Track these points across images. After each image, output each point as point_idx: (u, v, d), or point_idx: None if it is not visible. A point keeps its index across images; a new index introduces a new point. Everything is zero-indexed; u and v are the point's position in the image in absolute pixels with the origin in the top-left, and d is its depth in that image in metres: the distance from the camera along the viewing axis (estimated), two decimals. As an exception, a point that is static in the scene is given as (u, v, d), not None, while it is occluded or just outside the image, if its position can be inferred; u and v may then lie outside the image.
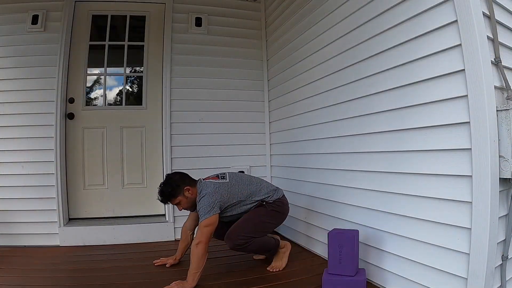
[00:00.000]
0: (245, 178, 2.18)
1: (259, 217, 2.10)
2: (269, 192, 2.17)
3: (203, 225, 1.89)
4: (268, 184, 2.24)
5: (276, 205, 2.15)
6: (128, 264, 2.33)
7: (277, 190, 2.22)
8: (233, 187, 2.06)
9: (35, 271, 2.15)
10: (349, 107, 2.07)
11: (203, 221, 1.89)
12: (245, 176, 2.23)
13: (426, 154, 1.55)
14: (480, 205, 1.29)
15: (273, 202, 2.15)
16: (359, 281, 1.76)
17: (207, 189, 1.98)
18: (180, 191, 2.02)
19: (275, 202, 2.15)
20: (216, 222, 1.92)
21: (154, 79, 3.15)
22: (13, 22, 2.83)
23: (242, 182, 2.12)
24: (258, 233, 2.09)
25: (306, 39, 2.57)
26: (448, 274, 1.43)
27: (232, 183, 2.07)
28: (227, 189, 2.03)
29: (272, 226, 2.19)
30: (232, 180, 2.09)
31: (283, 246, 2.24)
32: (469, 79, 1.31)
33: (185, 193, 2.03)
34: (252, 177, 2.25)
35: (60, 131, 2.84)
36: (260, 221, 2.10)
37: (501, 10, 1.44)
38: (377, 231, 1.85)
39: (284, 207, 2.21)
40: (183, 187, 2.03)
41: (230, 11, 3.33)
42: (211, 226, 1.90)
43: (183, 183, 2.04)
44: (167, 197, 2.03)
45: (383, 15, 1.77)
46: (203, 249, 1.86)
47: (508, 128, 1.30)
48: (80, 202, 2.99)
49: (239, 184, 2.09)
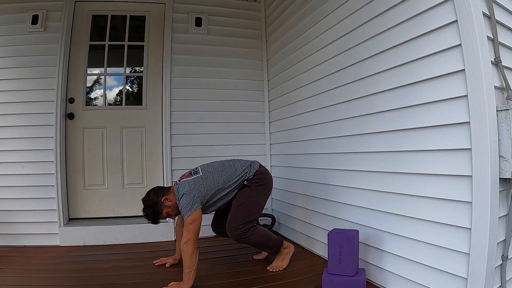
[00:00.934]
0: (217, 166, 2.15)
1: (247, 198, 2.10)
2: (245, 169, 2.15)
3: (188, 223, 1.88)
4: (241, 161, 2.21)
5: (258, 179, 2.15)
6: (128, 264, 2.33)
7: (253, 163, 2.20)
8: (208, 179, 2.04)
9: (35, 271, 2.15)
10: (349, 107, 2.07)
11: (187, 219, 1.88)
12: (217, 163, 2.19)
13: (426, 154, 1.55)
14: (480, 205, 1.29)
15: (253, 177, 2.14)
16: (359, 281, 1.76)
17: (184, 189, 1.97)
18: (160, 206, 2.02)
19: (256, 176, 2.15)
20: (199, 217, 1.92)
21: (154, 79, 3.15)
22: (13, 22, 2.83)
23: (215, 171, 2.10)
24: (253, 214, 2.10)
25: (306, 39, 2.57)
26: (448, 274, 1.43)
27: (205, 175, 2.05)
28: (202, 182, 2.01)
29: (263, 201, 2.19)
30: (205, 172, 2.07)
31: (286, 247, 2.24)
32: (469, 79, 1.31)
33: (166, 204, 2.02)
34: (224, 162, 2.20)
35: (60, 131, 2.84)
36: (250, 202, 2.10)
37: (501, 10, 1.44)
38: (377, 231, 1.85)
39: (266, 176, 2.21)
40: (161, 200, 2.02)
41: (230, 11, 3.33)
42: (196, 222, 1.89)
43: (159, 197, 2.03)
44: (154, 218, 2.04)
45: (383, 15, 1.77)
46: (192, 246, 1.85)
47: (508, 128, 1.30)
48: (80, 202, 2.99)
49: (213, 174, 2.08)
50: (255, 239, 2.09)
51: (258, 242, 2.16)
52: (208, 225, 2.93)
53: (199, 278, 1.93)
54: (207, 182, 2.03)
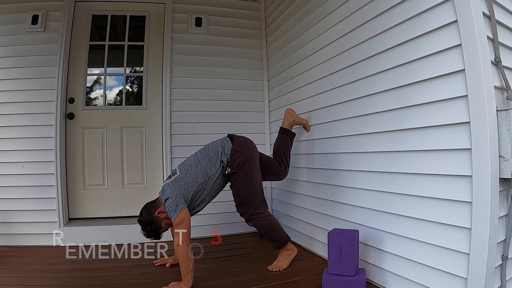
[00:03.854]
0: (192, 160, 2.09)
1: (240, 183, 2.09)
2: (220, 154, 2.07)
3: (176, 224, 1.86)
4: (213, 145, 2.14)
5: (236, 159, 2.07)
6: (128, 264, 2.33)
7: (225, 143, 2.13)
8: (186, 177, 1.99)
9: (35, 271, 2.15)
10: (349, 107, 2.06)
11: (174, 221, 1.86)
12: (191, 157, 2.13)
13: (426, 154, 1.55)
14: (480, 205, 1.29)
15: (232, 159, 2.07)
16: (359, 281, 1.76)
17: (166, 193, 1.94)
18: (157, 221, 1.99)
19: (234, 157, 2.07)
20: (187, 217, 1.89)
21: (154, 79, 3.15)
22: (13, 22, 2.83)
23: (191, 166, 2.04)
24: (255, 191, 2.11)
25: (306, 39, 2.56)
26: (448, 274, 1.43)
27: (183, 173, 2.01)
28: (182, 181, 1.97)
29: (256, 172, 2.17)
30: (182, 170, 2.03)
31: (289, 248, 2.23)
32: (469, 79, 1.31)
33: (161, 216, 1.99)
34: (197, 153, 2.14)
35: (60, 131, 2.84)
36: (246, 183, 2.09)
37: (501, 10, 1.44)
38: (377, 231, 1.85)
39: (243, 150, 2.11)
40: (155, 215, 1.98)
41: (230, 11, 3.33)
42: (184, 223, 1.86)
43: (151, 213, 1.99)
44: (155, 234, 2.02)
45: (383, 15, 1.77)
46: (185, 247, 1.83)
47: (508, 128, 1.30)
48: (80, 202, 2.99)
49: (190, 170, 2.02)
50: (265, 226, 2.12)
51: (266, 230, 2.17)
52: (208, 225, 2.94)
53: (199, 278, 1.94)
54: (186, 180, 1.98)
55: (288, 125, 2.52)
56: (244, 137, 2.24)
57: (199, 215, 2.16)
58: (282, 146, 2.49)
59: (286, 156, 2.47)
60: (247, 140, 2.21)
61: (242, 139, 2.19)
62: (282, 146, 2.49)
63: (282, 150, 2.48)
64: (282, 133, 2.53)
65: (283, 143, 2.50)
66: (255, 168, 2.17)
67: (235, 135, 2.22)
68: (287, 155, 2.48)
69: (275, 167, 2.42)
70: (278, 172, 2.44)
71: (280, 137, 2.53)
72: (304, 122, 2.53)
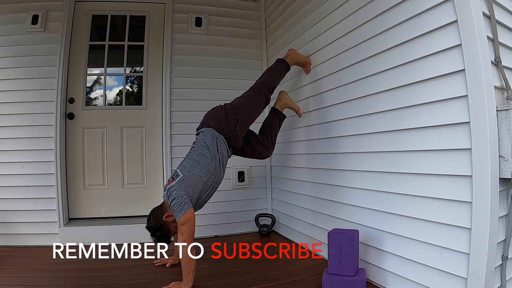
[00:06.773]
0: (191, 161, 2.05)
1: (236, 127, 2.15)
2: (214, 142, 2.08)
3: (180, 224, 1.85)
4: (206, 135, 2.11)
5: (230, 129, 2.15)
6: (128, 264, 2.33)
7: (209, 133, 2.11)
8: (189, 178, 1.97)
9: (35, 271, 2.15)
10: (349, 107, 2.07)
11: (179, 220, 1.85)
12: (188, 158, 2.09)
13: (426, 154, 1.55)
14: (480, 205, 1.29)
15: (230, 138, 2.15)
16: (359, 281, 1.76)
17: (171, 196, 1.91)
18: (165, 225, 1.98)
19: (230, 138, 2.15)
20: (192, 216, 1.88)
21: (154, 79, 3.15)
22: (13, 22, 2.83)
23: (192, 166, 2.01)
24: (250, 112, 2.25)
25: (306, 39, 2.57)
26: (448, 274, 1.43)
27: (185, 175, 1.98)
28: (185, 183, 1.95)
29: (251, 108, 2.28)
30: (184, 171, 2.00)
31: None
32: (469, 79, 1.31)
33: (169, 220, 1.97)
34: (192, 151, 2.12)
35: (60, 131, 2.84)
36: (243, 121, 2.20)
37: (501, 10, 1.44)
38: (377, 231, 1.85)
39: (223, 116, 2.19)
40: (163, 220, 1.97)
41: (230, 11, 3.33)
42: (188, 223, 1.85)
43: (159, 218, 1.98)
44: (166, 238, 2.01)
45: (383, 15, 1.77)
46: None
47: (508, 128, 1.30)
48: (80, 202, 2.99)
49: (192, 170, 2.00)
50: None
51: (273, 82, 2.46)
52: (208, 225, 2.95)
53: (199, 278, 1.94)
54: (190, 181, 1.96)
55: (280, 106, 2.57)
56: (211, 112, 2.27)
57: (199, 215, 2.16)
58: (269, 124, 2.53)
59: (271, 135, 2.50)
60: (215, 109, 2.28)
61: (212, 117, 2.22)
62: (269, 124, 2.53)
63: (268, 128, 2.51)
64: (271, 112, 2.58)
65: (272, 121, 2.54)
66: (252, 105, 2.29)
67: (204, 122, 2.21)
68: (272, 134, 2.50)
69: (259, 142, 2.43)
70: (262, 149, 2.43)
71: (269, 116, 2.59)
72: (296, 108, 2.59)
